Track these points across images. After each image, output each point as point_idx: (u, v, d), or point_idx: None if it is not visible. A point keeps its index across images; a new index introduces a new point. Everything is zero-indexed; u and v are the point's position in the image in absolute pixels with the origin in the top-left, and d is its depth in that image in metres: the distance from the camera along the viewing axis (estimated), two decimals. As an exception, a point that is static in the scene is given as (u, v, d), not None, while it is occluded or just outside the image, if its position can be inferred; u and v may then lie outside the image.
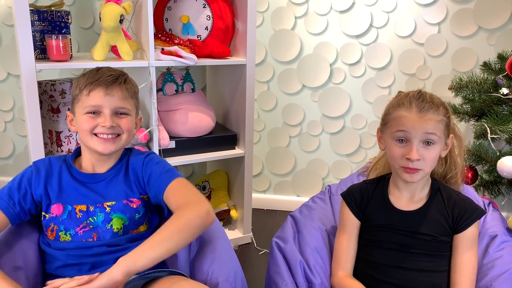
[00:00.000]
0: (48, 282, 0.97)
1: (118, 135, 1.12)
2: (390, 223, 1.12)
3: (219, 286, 0.99)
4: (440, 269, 1.10)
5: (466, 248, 1.08)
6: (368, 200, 1.17)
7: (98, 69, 1.13)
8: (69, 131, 1.69)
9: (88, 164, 1.15)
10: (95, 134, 1.10)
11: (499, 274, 1.10)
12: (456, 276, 1.08)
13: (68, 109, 1.44)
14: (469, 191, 1.32)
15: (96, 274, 0.96)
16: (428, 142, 1.04)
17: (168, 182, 1.12)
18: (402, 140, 1.06)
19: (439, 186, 1.15)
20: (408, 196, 1.14)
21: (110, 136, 1.10)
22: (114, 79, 1.10)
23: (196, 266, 1.08)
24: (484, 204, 1.31)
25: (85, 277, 0.95)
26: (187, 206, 1.05)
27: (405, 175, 1.07)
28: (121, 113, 1.12)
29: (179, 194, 1.10)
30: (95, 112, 1.09)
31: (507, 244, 1.18)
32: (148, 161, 1.18)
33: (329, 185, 1.49)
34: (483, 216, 1.27)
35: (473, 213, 1.09)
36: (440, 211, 1.11)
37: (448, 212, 1.10)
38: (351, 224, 1.17)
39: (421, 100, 1.05)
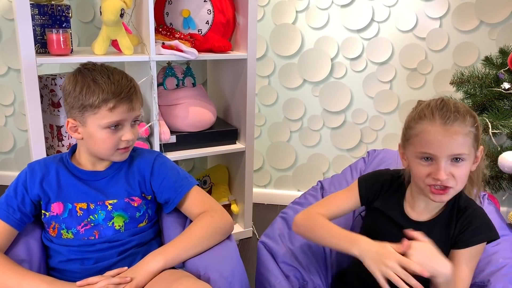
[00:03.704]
0: (78, 283, 0.99)
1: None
2: (395, 227, 1.06)
3: (211, 282, 0.98)
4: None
5: (463, 262, 1.00)
6: (383, 193, 1.11)
7: (108, 75, 1.05)
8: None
9: (88, 162, 1.14)
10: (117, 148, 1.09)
11: (496, 270, 1.09)
12: None
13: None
14: None
15: (125, 268, 1.03)
16: (457, 159, 0.94)
17: (186, 191, 1.16)
18: (427, 158, 0.96)
19: (459, 196, 1.04)
20: (422, 207, 1.06)
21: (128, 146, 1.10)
22: (134, 92, 1.07)
23: (189, 260, 1.07)
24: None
25: (114, 271, 1.02)
26: (215, 214, 1.13)
27: (433, 196, 0.97)
28: (135, 121, 1.11)
29: (199, 203, 1.17)
30: (117, 125, 1.06)
31: (503, 238, 1.16)
32: (160, 165, 1.17)
33: (320, 181, 1.46)
34: None
35: (481, 233, 1.01)
36: (449, 220, 1.04)
37: (456, 223, 1.02)
38: (356, 198, 1.12)
39: (445, 110, 0.95)
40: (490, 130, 1.71)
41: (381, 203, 1.11)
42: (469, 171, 0.98)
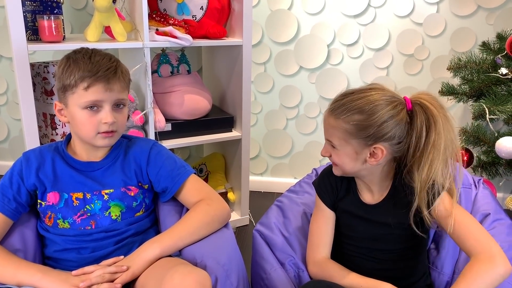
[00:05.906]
0: (74, 272, 0.99)
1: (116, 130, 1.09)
2: (359, 216, 1.10)
3: (207, 269, 0.98)
4: (412, 255, 1.09)
5: (453, 214, 0.98)
6: (338, 191, 1.13)
7: (89, 56, 1.06)
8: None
9: (82, 151, 1.13)
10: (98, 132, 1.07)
11: None
12: (464, 240, 0.97)
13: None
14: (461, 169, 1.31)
15: (121, 257, 1.04)
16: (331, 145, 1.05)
17: (183, 180, 1.15)
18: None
19: (399, 177, 1.05)
20: (366, 189, 1.10)
21: (110, 130, 1.07)
22: (113, 72, 1.05)
23: (186, 248, 1.07)
24: (474, 182, 1.30)
25: (110, 260, 1.02)
26: (211, 202, 1.13)
27: None
28: (118, 105, 1.08)
29: (196, 191, 1.16)
30: (94, 106, 1.05)
31: (498, 222, 1.17)
32: (156, 154, 1.16)
33: (315, 169, 1.45)
34: (474, 194, 1.26)
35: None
36: (399, 199, 1.04)
37: (408, 201, 1.01)
38: (328, 211, 1.13)
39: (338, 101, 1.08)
40: (487, 115, 1.70)
41: (340, 199, 1.13)
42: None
